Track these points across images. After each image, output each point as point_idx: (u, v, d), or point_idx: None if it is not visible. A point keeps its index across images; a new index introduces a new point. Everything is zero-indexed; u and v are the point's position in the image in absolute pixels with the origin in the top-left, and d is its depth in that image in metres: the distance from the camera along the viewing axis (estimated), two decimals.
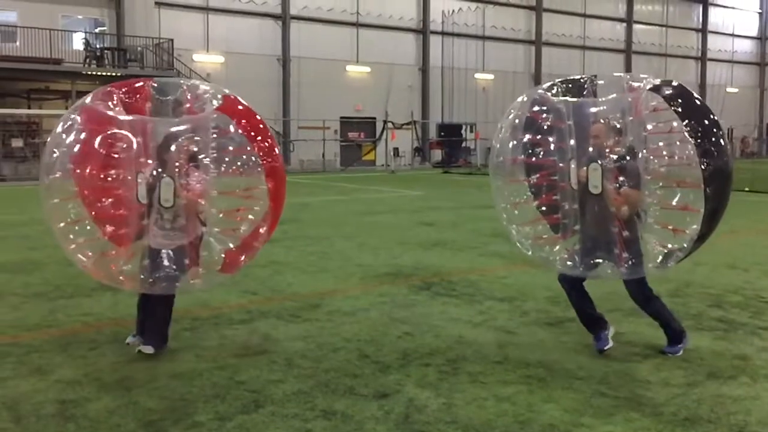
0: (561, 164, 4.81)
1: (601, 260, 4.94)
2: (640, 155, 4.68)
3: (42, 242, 10.56)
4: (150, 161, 4.81)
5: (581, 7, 43.75)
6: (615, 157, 4.70)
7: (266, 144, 5.16)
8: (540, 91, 5.21)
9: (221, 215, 5.04)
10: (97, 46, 28.30)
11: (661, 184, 4.74)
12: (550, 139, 4.88)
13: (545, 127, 4.92)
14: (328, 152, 33.95)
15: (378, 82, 36.26)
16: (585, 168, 4.71)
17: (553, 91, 5.12)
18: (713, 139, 4.76)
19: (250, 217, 5.13)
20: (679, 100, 4.83)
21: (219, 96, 5.23)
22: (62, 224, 5.09)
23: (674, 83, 5.02)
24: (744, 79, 53.07)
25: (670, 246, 4.87)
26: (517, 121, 5.15)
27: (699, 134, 4.69)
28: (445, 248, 9.94)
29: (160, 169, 4.81)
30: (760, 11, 53.71)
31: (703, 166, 4.62)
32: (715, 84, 50.16)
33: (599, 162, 4.69)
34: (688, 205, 4.73)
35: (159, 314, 5.20)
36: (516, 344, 5.47)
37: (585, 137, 4.74)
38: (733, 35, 51.76)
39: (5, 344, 5.47)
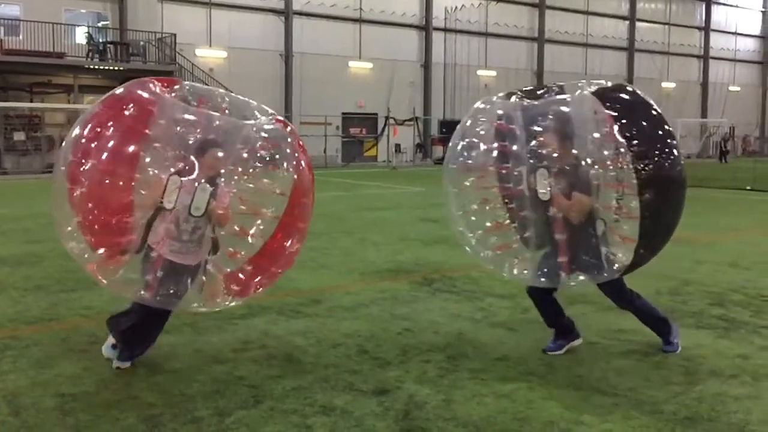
0: (515, 171, 4.79)
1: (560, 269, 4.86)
2: (587, 161, 4.61)
3: (43, 236, 10.57)
4: (192, 160, 4.45)
5: (584, 5, 43.66)
6: (562, 163, 4.65)
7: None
8: (494, 98, 5.19)
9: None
10: (100, 40, 28.28)
11: (613, 192, 4.68)
12: (507, 146, 4.85)
13: (502, 135, 4.89)
14: (330, 148, 33.93)
15: (380, 78, 36.22)
16: (533, 174, 4.68)
17: (512, 100, 5.05)
18: (658, 145, 4.67)
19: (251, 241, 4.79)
20: (620, 106, 4.72)
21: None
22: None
23: (628, 88, 4.98)
24: (746, 77, 52.97)
25: (620, 254, 4.77)
26: (476, 128, 5.12)
27: (637, 140, 4.56)
28: (447, 245, 9.93)
29: (197, 173, 4.44)
30: (764, 10, 53.58)
31: (639, 174, 4.51)
32: (718, 82, 50.09)
33: (547, 168, 4.66)
34: (630, 213, 4.64)
35: (141, 324, 4.69)
36: (516, 341, 5.47)
37: (534, 143, 4.70)
38: (736, 33, 51.65)
39: (5, 337, 5.48)
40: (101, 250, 4.52)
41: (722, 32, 50.77)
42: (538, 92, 5.12)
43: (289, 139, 4.86)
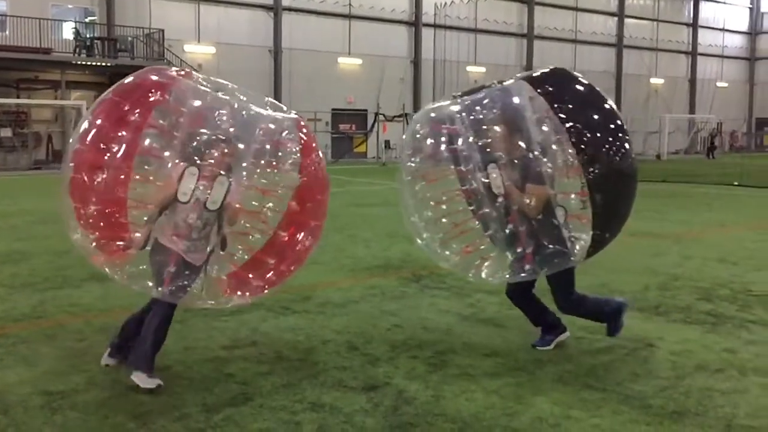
0: (467, 171, 4.77)
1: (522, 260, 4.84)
2: (534, 151, 4.59)
3: (30, 233, 10.51)
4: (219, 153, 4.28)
5: (573, 1, 43.78)
6: (510, 155, 4.64)
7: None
8: (434, 105, 5.19)
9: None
10: (87, 35, 28.11)
11: (565, 179, 4.68)
12: (455, 148, 4.84)
13: (450, 138, 4.88)
14: (320, 144, 33.81)
15: (370, 74, 36.19)
16: (485, 171, 4.68)
17: (449, 101, 5.04)
18: (598, 134, 4.66)
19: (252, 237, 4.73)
20: (554, 91, 4.71)
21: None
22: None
23: (562, 72, 4.95)
24: (734, 73, 53.28)
25: (581, 236, 4.77)
26: (422, 135, 5.13)
27: (575, 123, 4.56)
28: None
29: (214, 165, 4.28)
30: (751, 6, 53.88)
31: (581, 157, 4.51)
32: (706, 78, 50.35)
33: (495, 162, 4.65)
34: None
35: (152, 333, 4.42)
36: (505, 337, 5.48)
37: (482, 140, 4.70)
38: (723, 30, 51.93)
39: None
40: (103, 244, 4.45)
41: (710, 28, 51.02)
42: (478, 90, 5.09)
43: (302, 135, 4.78)
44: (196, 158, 4.28)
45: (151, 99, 4.41)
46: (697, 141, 47.06)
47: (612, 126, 4.79)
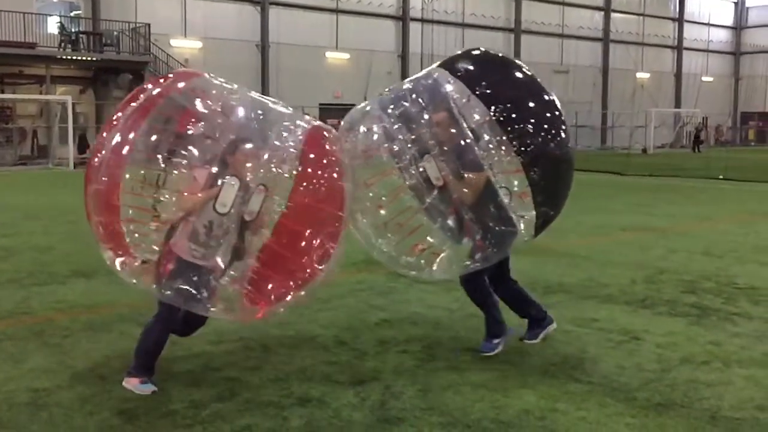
0: (402, 166, 4.70)
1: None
2: (466, 138, 4.51)
3: (16, 229, 10.43)
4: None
5: None
6: (443, 144, 4.56)
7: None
8: (363, 104, 5.13)
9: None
10: (72, 30, 27.84)
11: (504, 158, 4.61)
12: (388, 146, 4.77)
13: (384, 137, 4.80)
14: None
15: (357, 68, 36.09)
16: (422, 164, 4.59)
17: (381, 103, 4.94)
18: (532, 120, 4.62)
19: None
20: (471, 72, 4.70)
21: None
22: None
23: (476, 53, 4.91)
24: (719, 68, 53.57)
25: (527, 213, 4.72)
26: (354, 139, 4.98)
27: (507, 116, 4.54)
28: None
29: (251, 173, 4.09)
30: (736, 1, 54.16)
31: (521, 150, 4.49)
32: (691, 73, 50.59)
33: (429, 153, 4.57)
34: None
35: (151, 336, 4.34)
36: None
37: (414, 133, 4.63)
38: (708, 24, 52.17)
39: None
40: (117, 257, 4.23)
41: (695, 23, 51.24)
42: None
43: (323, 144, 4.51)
44: (230, 167, 4.07)
45: (142, 102, 4.25)
46: (683, 135, 47.31)
47: (535, 105, 4.73)
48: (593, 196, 15.23)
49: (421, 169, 4.61)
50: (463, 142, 4.52)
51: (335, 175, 4.43)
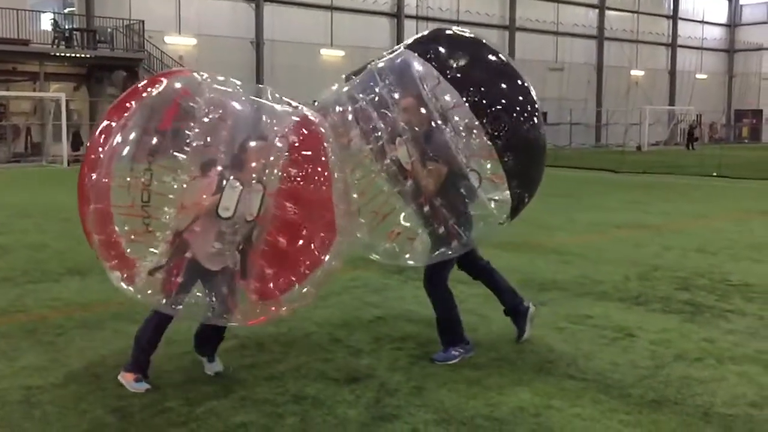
0: (375, 149, 4.60)
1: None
2: (437, 122, 4.42)
3: (9, 227, 10.39)
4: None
5: None
6: (415, 128, 4.47)
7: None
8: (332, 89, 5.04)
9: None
10: (66, 26, 27.75)
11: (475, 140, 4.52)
12: (362, 128, 4.66)
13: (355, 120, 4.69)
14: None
15: (352, 66, 35.27)
16: (393, 147, 4.48)
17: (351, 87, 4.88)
18: (505, 102, 4.54)
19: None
20: (441, 54, 4.62)
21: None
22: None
23: (447, 32, 4.86)
24: (713, 65, 53.69)
25: (500, 196, 4.65)
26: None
27: (479, 100, 4.46)
28: None
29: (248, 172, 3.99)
30: None
31: (494, 135, 4.42)
32: (685, 70, 50.69)
33: (401, 136, 4.46)
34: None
35: (145, 335, 4.33)
36: (486, 328, 5.50)
37: (385, 116, 4.52)
38: (702, 22, 52.27)
39: None
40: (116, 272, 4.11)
41: (689, 21, 51.33)
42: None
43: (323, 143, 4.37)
44: (235, 167, 3.97)
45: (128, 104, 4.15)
46: (677, 132, 47.42)
47: (508, 88, 4.66)
48: (587, 193, 15.27)
49: (392, 155, 4.51)
50: (434, 124, 4.43)
51: (323, 163, 4.34)
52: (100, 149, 4.08)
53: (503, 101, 4.55)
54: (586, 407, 4.01)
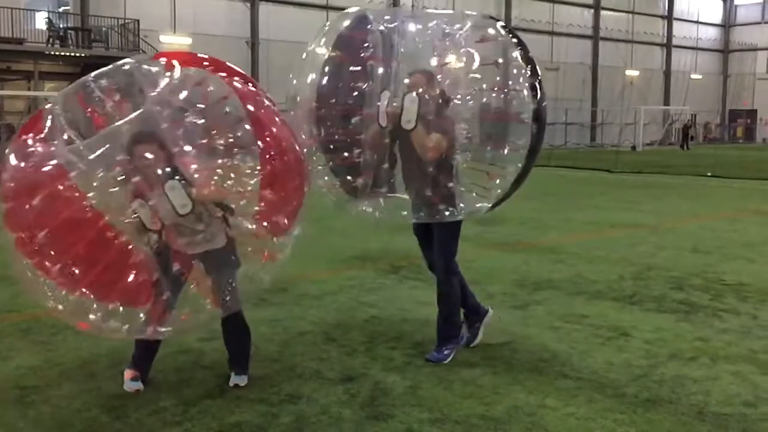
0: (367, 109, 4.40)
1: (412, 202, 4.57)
2: (455, 99, 4.35)
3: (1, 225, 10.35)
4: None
5: None
6: (430, 95, 4.36)
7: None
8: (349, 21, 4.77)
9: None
10: (61, 25, 27.66)
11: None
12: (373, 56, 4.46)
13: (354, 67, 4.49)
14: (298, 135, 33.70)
15: None
16: (401, 99, 4.30)
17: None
18: (538, 75, 4.57)
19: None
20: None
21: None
22: None
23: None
24: (708, 65, 53.84)
25: (486, 186, 4.60)
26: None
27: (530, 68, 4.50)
28: None
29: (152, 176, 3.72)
30: None
31: (534, 100, 4.45)
32: (680, 70, 50.82)
33: (414, 94, 4.29)
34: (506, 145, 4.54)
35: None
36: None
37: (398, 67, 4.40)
38: (697, 22, 52.42)
39: None
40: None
41: (684, 21, 51.47)
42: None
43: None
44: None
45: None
46: (672, 132, 47.54)
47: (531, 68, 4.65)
48: (582, 193, 15.30)
49: (396, 103, 4.32)
50: (451, 101, 4.36)
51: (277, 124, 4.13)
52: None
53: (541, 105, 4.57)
54: (580, 406, 4.02)
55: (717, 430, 3.77)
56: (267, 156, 3.96)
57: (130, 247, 3.72)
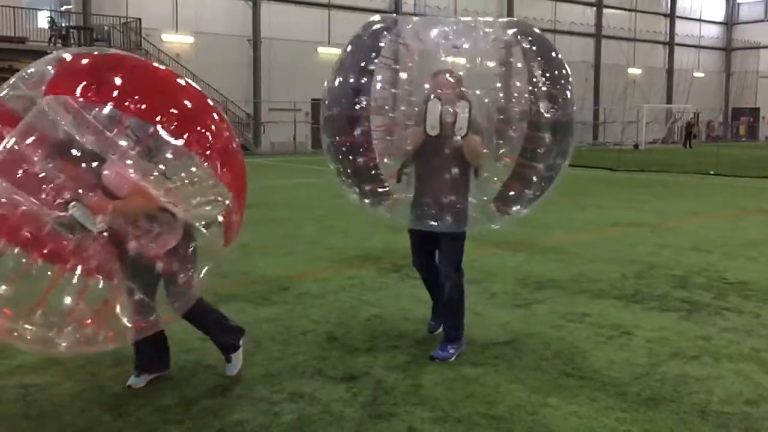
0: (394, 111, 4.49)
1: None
2: (485, 100, 4.39)
3: None
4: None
5: None
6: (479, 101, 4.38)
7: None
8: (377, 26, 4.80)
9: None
10: (63, 24, 27.70)
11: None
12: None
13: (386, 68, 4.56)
14: (300, 134, 33.74)
15: None
16: (453, 108, 4.30)
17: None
18: (561, 83, 4.60)
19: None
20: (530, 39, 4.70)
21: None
22: None
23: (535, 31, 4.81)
24: (710, 63, 53.75)
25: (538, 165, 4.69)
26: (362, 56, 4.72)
27: (547, 78, 4.52)
28: None
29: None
30: None
31: (545, 111, 4.44)
32: (683, 69, 50.73)
33: (470, 103, 4.32)
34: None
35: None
36: (484, 326, 5.50)
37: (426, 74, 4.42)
38: (700, 20, 52.33)
39: None
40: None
41: (687, 19, 51.38)
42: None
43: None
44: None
45: None
46: (674, 131, 47.47)
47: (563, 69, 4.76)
48: (584, 191, 15.27)
49: (450, 112, 4.29)
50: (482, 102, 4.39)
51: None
52: None
53: (563, 114, 4.62)
54: (582, 405, 4.01)
55: (719, 429, 3.76)
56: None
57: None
